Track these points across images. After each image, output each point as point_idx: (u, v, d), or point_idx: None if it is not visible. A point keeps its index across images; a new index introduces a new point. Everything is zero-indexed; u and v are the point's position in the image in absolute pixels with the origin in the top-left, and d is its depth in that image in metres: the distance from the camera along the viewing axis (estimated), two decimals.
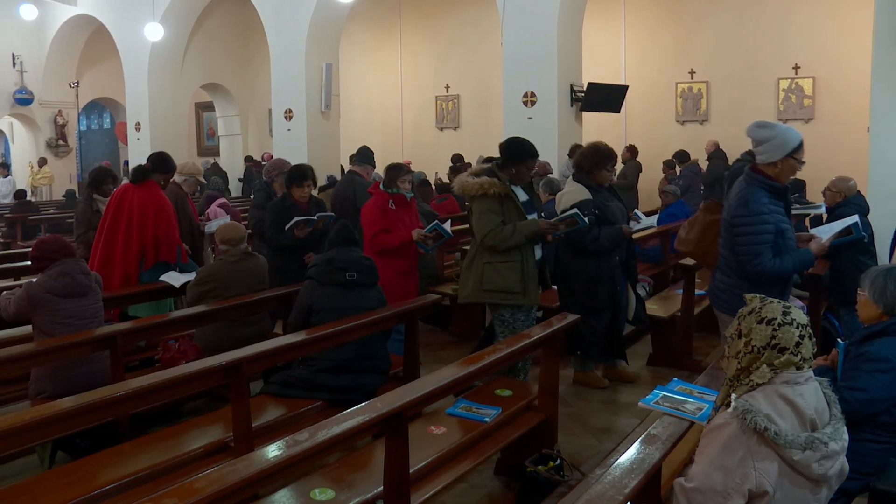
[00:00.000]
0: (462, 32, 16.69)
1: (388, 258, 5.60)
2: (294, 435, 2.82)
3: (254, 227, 6.81)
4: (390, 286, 5.38)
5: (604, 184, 5.57)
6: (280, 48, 14.62)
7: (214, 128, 21.52)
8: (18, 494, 3.33)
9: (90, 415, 3.35)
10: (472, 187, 5.00)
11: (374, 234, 5.65)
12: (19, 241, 12.61)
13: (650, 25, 14.46)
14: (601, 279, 5.52)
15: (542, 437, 4.29)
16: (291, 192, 6.17)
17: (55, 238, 4.91)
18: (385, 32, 18.06)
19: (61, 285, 4.55)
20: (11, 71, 19.65)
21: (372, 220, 5.72)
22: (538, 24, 11.04)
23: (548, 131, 11.07)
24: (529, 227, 4.97)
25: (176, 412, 5.22)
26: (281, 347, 4.22)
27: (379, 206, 5.75)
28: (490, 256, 5.03)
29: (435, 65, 17.40)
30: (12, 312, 4.60)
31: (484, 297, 5.11)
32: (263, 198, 6.86)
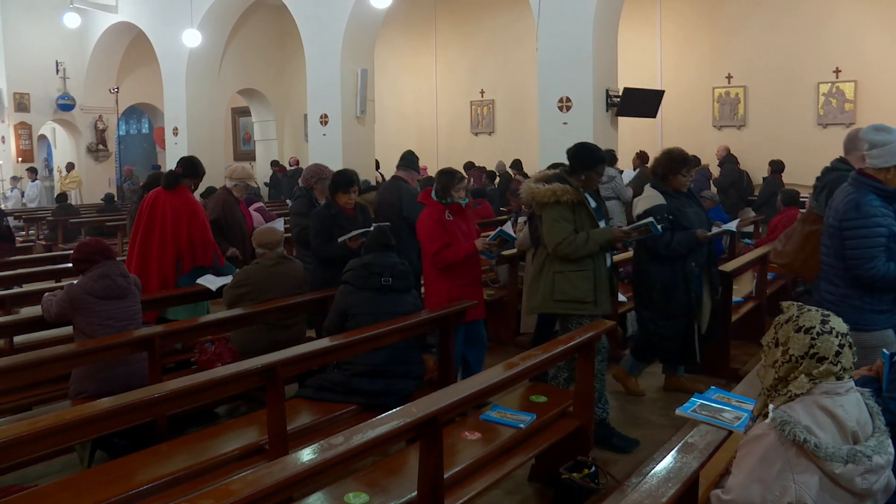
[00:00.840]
0: (497, 37, 16.69)
1: (452, 272, 5.35)
2: (329, 439, 2.82)
3: (296, 236, 6.53)
4: (458, 300, 5.26)
5: (681, 189, 5.46)
6: (316, 54, 14.73)
7: (250, 132, 21.74)
8: (60, 491, 3.38)
9: (128, 415, 3.39)
10: (543, 194, 4.79)
11: (437, 251, 5.29)
12: (60, 244, 12.84)
13: (687, 29, 14.34)
14: (676, 285, 5.40)
15: (577, 443, 4.25)
16: (336, 199, 5.96)
17: (95, 241, 5.00)
18: (420, 38, 18.12)
19: (101, 287, 4.62)
20: (55, 77, 20.03)
21: (432, 236, 5.34)
22: (573, 28, 11.00)
23: (583, 137, 10.85)
24: (603, 236, 4.79)
25: (212, 414, 5.27)
26: (316, 351, 4.23)
27: (436, 219, 5.36)
28: (561, 265, 4.84)
29: (470, 70, 17.41)
30: (54, 313, 4.69)
31: (555, 307, 4.90)
32: (305, 205, 6.58)
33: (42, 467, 4.37)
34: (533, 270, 5.10)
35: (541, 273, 4.96)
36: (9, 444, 2.89)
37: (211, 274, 6.01)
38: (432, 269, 5.38)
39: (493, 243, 5.34)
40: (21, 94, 19.91)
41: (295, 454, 2.77)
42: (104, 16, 19.54)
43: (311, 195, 6.62)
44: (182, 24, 16.66)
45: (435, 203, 5.44)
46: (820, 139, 12.74)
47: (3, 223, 8.95)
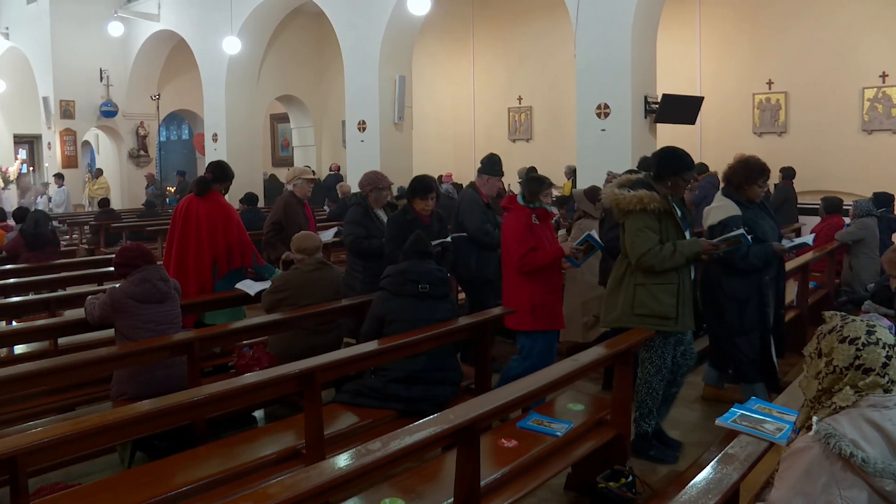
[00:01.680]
0: (535, 44, 16.66)
1: (536, 277, 5.18)
2: (366, 444, 2.83)
3: (349, 245, 6.29)
4: (541, 307, 5.15)
5: (755, 199, 5.21)
6: (354, 60, 14.82)
7: (289, 139, 21.95)
8: (102, 490, 3.44)
9: (168, 418, 3.44)
10: (628, 201, 4.51)
11: (524, 254, 5.11)
12: (102, 248, 13.05)
13: (726, 35, 14.18)
14: (750, 299, 5.13)
15: (614, 452, 4.21)
16: (413, 205, 5.83)
17: (136, 245, 5.07)
18: (458, 44, 18.15)
19: (142, 291, 4.69)
20: (98, 85, 20.43)
21: (519, 239, 5.17)
22: (612, 34, 10.94)
23: (621, 143, 10.95)
24: (691, 248, 4.52)
25: (249, 418, 5.31)
26: (354, 357, 4.25)
27: (524, 223, 5.20)
28: (643, 278, 4.58)
29: (507, 76, 17.40)
30: (97, 316, 4.76)
31: (634, 321, 4.61)
32: (359, 213, 6.33)
33: (84, 466, 4.44)
34: (611, 281, 4.84)
35: (620, 284, 4.70)
36: (54, 443, 2.94)
37: (250, 276, 6.05)
38: (514, 275, 5.23)
39: (580, 248, 5.19)
40: (67, 101, 20.34)
41: (332, 459, 2.79)
42: (146, 24, 19.89)
43: (366, 203, 6.41)
44: (222, 32, 16.88)
45: (522, 207, 5.30)
46: (864, 146, 12.52)
47: (48, 227, 9.11)
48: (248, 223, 7.88)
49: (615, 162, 10.25)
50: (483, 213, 6.39)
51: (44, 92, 20.61)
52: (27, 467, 2.84)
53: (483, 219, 6.35)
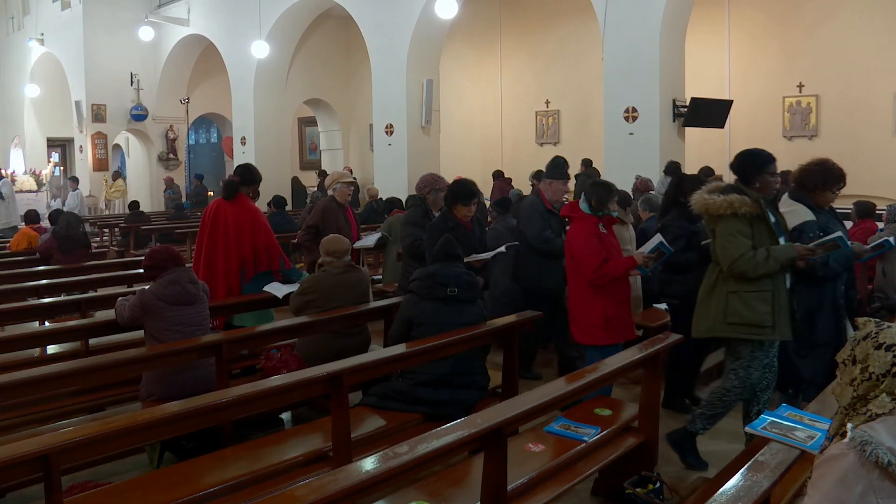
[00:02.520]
0: (562, 47, 16.62)
1: (607, 288, 4.99)
2: (394, 447, 2.83)
3: (407, 247, 6.13)
4: (614, 319, 4.98)
5: (825, 205, 5.02)
6: (381, 64, 14.88)
7: (316, 142, 22.06)
8: (131, 490, 3.48)
9: (196, 419, 3.45)
10: (719, 206, 4.35)
11: (598, 266, 4.91)
12: (132, 250, 13.18)
13: (756, 38, 14.06)
14: (823, 309, 4.90)
15: (642, 458, 4.18)
16: (454, 211, 5.67)
17: (165, 248, 5.11)
18: (485, 48, 18.15)
19: (171, 293, 4.73)
20: (129, 89, 20.71)
21: (589, 250, 4.96)
22: (640, 38, 10.89)
23: (649, 147, 10.90)
24: (786, 253, 4.30)
25: (276, 420, 5.33)
26: (381, 360, 4.25)
27: (593, 233, 5.00)
28: (736, 285, 4.38)
29: (535, 80, 17.38)
30: (127, 317, 4.81)
31: (727, 330, 4.43)
32: (419, 215, 6.22)
33: (114, 465, 4.48)
34: (702, 290, 4.63)
35: (712, 292, 4.51)
36: (85, 442, 2.98)
37: (278, 279, 6.08)
38: (583, 288, 5.04)
39: (651, 256, 5.02)
40: (98, 105, 20.63)
41: (360, 462, 2.79)
42: (176, 29, 20.11)
43: (424, 205, 6.30)
44: (251, 36, 17.02)
45: (588, 216, 5.07)
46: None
47: (80, 229, 9.22)
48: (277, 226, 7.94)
49: (643, 166, 10.22)
50: (544, 220, 6.11)
51: (76, 96, 20.94)
52: (60, 465, 2.87)
53: (543, 226, 6.09)
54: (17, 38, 24.16)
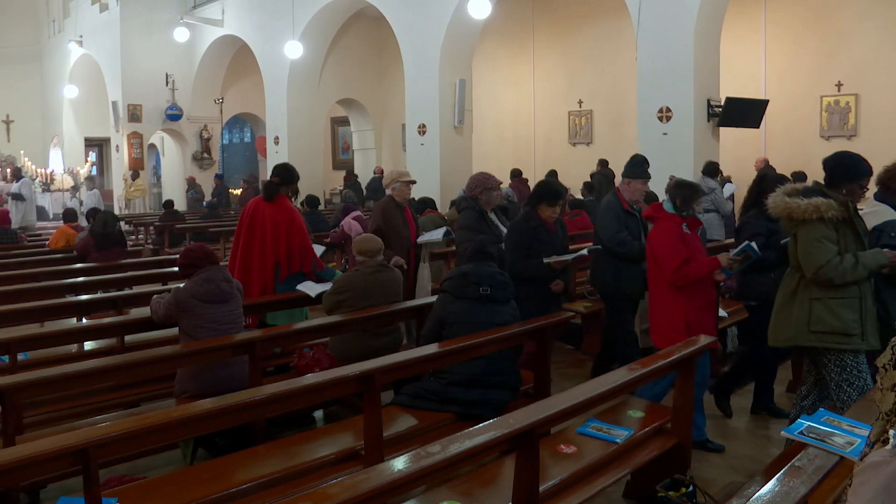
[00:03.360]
0: (596, 47, 16.52)
1: (690, 292, 4.82)
2: (426, 447, 2.83)
3: (463, 251, 5.73)
4: (696, 324, 4.78)
5: None
6: (414, 64, 14.90)
7: (349, 142, 22.16)
8: (166, 485, 3.52)
9: (229, 416, 3.48)
10: (803, 210, 4.15)
11: (679, 266, 4.76)
12: (166, 248, 13.33)
13: (793, 35, 13.85)
14: None
15: (675, 461, 4.13)
16: (539, 211, 5.49)
17: (200, 247, 5.16)
18: (518, 48, 18.10)
19: (205, 291, 4.77)
20: (164, 89, 20.96)
21: (671, 250, 4.81)
22: (674, 37, 10.80)
23: (683, 148, 10.80)
24: (875, 260, 4.11)
25: (308, 418, 5.36)
26: (414, 359, 4.26)
27: (676, 233, 4.85)
28: (819, 292, 4.18)
29: (568, 80, 17.29)
30: (162, 315, 4.87)
31: (811, 339, 4.24)
32: (473, 217, 6.02)
33: (149, 461, 4.54)
34: (781, 296, 4.44)
35: (793, 299, 4.31)
36: (122, 437, 3.02)
37: (311, 280, 6.10)
38: (665, 290, 4.89)
39: (737, 259, 4.84)
40: (134, 105, 20.91)
41: (392, 461, 2.79)
42: (211, 30, 20.31)
43: (478, 206, 6.07)
44: (284, 37, 17.13)
45: (671, 215, 4.92)
46: None
47: (116, 228, 9.35)
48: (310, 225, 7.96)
49: (677, 166, 10.12)
50: (620, 221, 5.85)
51: (113, 96, 21.24)
52: (98, 459, 2.91)
53: (619, 227, 5.83)
54: (57, 41, 24.59)
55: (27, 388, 3.89)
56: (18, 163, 23.05)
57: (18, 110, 25.59)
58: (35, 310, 6.17)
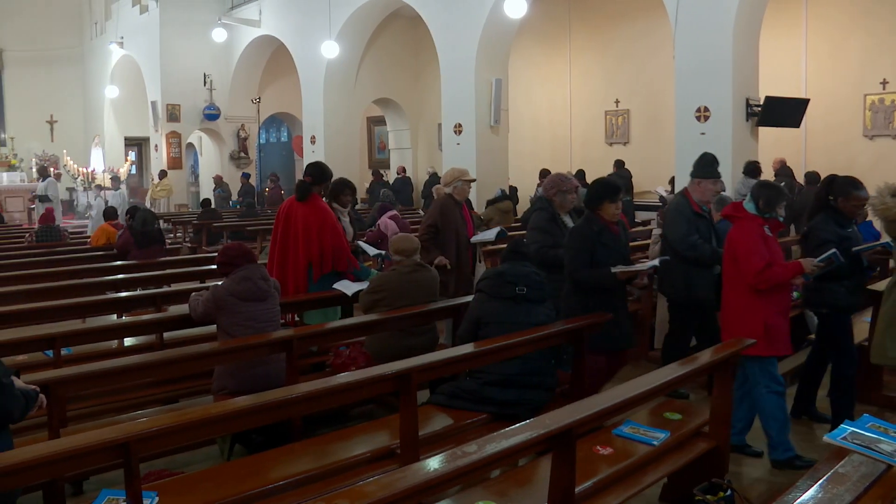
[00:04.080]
0: (632, 46, 16.39)
1: (769, 297, 4.59)
2: (462, 446, 2.83)
3: (535, 253, 5.42)
4: (775, 329, 4.59)
5: None
6: (450, 63, 14.90)
7: (385, 141, 22.22)
8: (204, 480, 3.58)
9: (267, 414, 3.51)
10: None
11: (762, 269, 4.50)
12: (204, 247, 13.48)
13: (836, 32, 13.57)
14: None
15: (712, 465, 4.09)
16: (601, 212, 5.12)
17: (239, 245, 5.21)
18: (554, 47, 18.02)
19: (243, 289, 4.81)
20: (202, 89, 21.19)
21: (756, 252, 4.55)
22: (712, 35, 10.66)
23: (721, 147, 10.60)
24: None
25: (343, 416, 5.39)
26: (450, 359, 4.26)
27: (757, 234, 4.62)
28: None
29: (604, 79, 17.17)
30: (200, 312, 4.93)
31: None
32: (545, 219, 5.76)
33: (187, 456, 4.60)
34: (888, 309, 4.21)
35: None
36: (162, 432, 3.06)
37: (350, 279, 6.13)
38: (743, 295, 4.65)
39: (820, 265, 4.61)
40: (173, 105, 21.19)
41: (428, 460, 2.80)
42: (248, 30, 20.50)
43: (551, 208, 5.81)
44: (321, 37, 17.23)
45: (753, 216, 4.68)
46: None
47: (154, 226, 9.48)
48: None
49: None
50: (690, 223, 5.62)
51: (152, 96, 21.54)
52: (139, 453, 2.95)
53: (689, 230, 5.60)
54: (99, 43, 24.99)
55: (71, 382, 3.97)
56: (62, 162, 23.53)
57: (62, 111, 26.14)
58: (77, 306, 6.28)
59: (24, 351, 5.12)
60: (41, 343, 5.04)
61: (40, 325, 5.80)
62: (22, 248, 11.31)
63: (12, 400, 2.84)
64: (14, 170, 23.93)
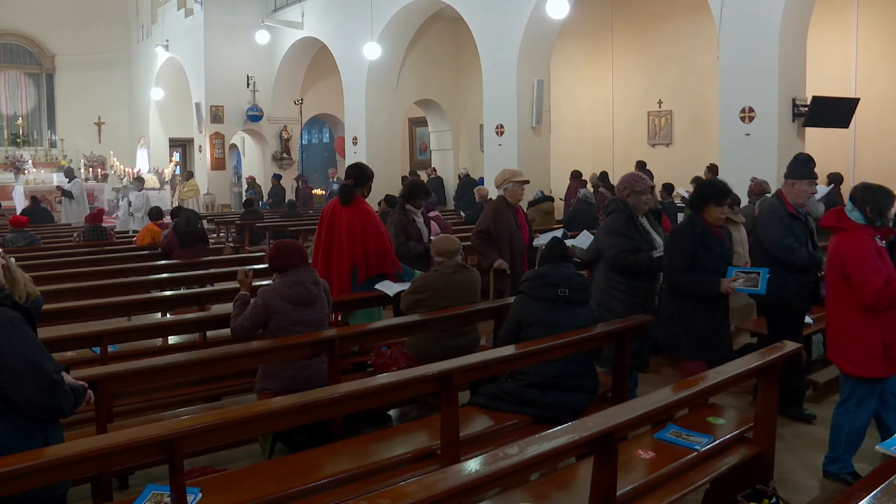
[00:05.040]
0: (676, 46, 16.22)
1: (886, 314, 4.26)
2: (504, 448, 2.82)
3: (613, 259, 5.29)
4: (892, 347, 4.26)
5: None
6: (492, 65, 14.89)
7: (427, 142, 22.28)
8: (246, 478, 3.61)
9: (308, 413, 3.53)
10: None
11: (882, 287, 4.15)
12: (247, 247, 13.63)
13: (888, 31, 13.26)
14: None
15: (757, 471, 4.02)
16: (705, 214, 4.92)
17: (293, 243, 5.14)
18: (596, 47, 17.91)
19: (294, 293, 4.80)
20: (246, 91, 21.47)
21: (871, 269, 4.18)
22: (758, 34, 10.49)
23: (766, 149, 10.50)
24: None
25: (385, 416, 5.40)
26: (491, 360, 4.25)
27: (871, 248, 4.24)
28: None
29: (647, 79, 17.02)
30: (247, 326, 4.86)
31: None
32: (623, 221, 5.37)
33: (229, 453, 4.65)
34: None
35: None
36: (206, 429, 3.10)
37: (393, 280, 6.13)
38: (854, 310, 4.32)
39: None
40: (217, 106, 21.48)
41: (469, 461, 2.79)
42: (291, 32, 20.70)
43: (628, 210, 5.42)
44: (362, 38, 17.33)
45: (862, 227, 4.30)
46: None
47: (198, 226, 9.61)
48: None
49: (759, 168, 9.86)
50: (786, 225, 5.34)
51: (196, 98, 21.86)
52: (183, 450, 2.99)
53: (785, 232, 5.33)
54: (145, 46, 25.46)
55: (118, 378, 4.04)
56: (108, 162, 23.98)
57: (109, 113, 26.78)
58: (123, 304, 6.40)
59: (73, 347, 5.23)
60: (89, 340, 5.14)
61: (87, 323, 5.92)
62: (70, 246, 11.54)
63: (62, 395, 2.89)
64: (63, 170, 24.48)
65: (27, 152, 25.25)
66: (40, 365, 2.82)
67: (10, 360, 2.76)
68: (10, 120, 26.02)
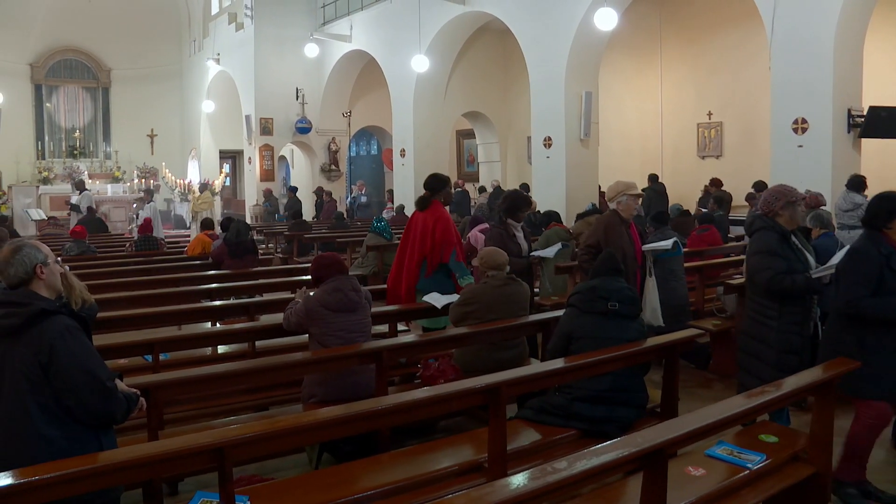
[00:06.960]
0: (726, 56, 16.02)
1: None
2: (552, 463, 2.79)
3: (768, 282, 4.65)
4: None
5: None
6: (540, 77, 14.85)
7: (474, 155, 22.28)
8: (293, 488, 3.63)
9: (356, 424, 3.54)
10: None
11: None
12: (295, 258, 13.75)
13: None
14: None
15: (812, 492, 3.92)
16: (889, 231, 4.33)
17: (331, 255, 5.31)
18: (645, 59, 17.78)
19: (334, 300, 4.88)
20: (295, 103, 21.71)
21: None
22: (812, 44, 10.30)
23: (820, 161, 10.29)
24: None
25: (432, 428, 5.39)
26: (540, 374, 4.23)
27: None
28: None
29: (696, 91, 16.84)
30: (293, 322, 5.03)
31: None
32: (774, 240, 4.73)
33: (276, 462, 4.68)
34: None
35: None
36: (255, 438, 3.13)
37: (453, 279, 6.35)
38: None
39: None
40: (266, 118, 21.77)
41: (517, 475, 2.76)
42: (339, 45, 20.92)
43: (777, 226, 4.76)
44: (410, 51, 17.43)
45: None
46: None
47: (248, 236, 9.73)
48: None
49: (813, 180, 9.66)
50: None
51: (246, 110, 22.19)
52: (232, 458, 3.02)
53: None
54: (197, 59, 25.96)
55: (170, 386, 4.11)
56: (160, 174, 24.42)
57: (161, 125, 27.42)
58: (174, 313, 6.51)
59: (126, 355, 5.33)
60: (142, 348, 5.23)
61: (139, 331, 6.03)
62: (123, 256, 11.78)
63: (116, 403, 2.95)
64: (118, 181, 25.03)
65: (84, 164, 25.97)
66: (95, 373, 2.89)
67: (66, 367, 2.83)
68: (69, 133, 26.75)
